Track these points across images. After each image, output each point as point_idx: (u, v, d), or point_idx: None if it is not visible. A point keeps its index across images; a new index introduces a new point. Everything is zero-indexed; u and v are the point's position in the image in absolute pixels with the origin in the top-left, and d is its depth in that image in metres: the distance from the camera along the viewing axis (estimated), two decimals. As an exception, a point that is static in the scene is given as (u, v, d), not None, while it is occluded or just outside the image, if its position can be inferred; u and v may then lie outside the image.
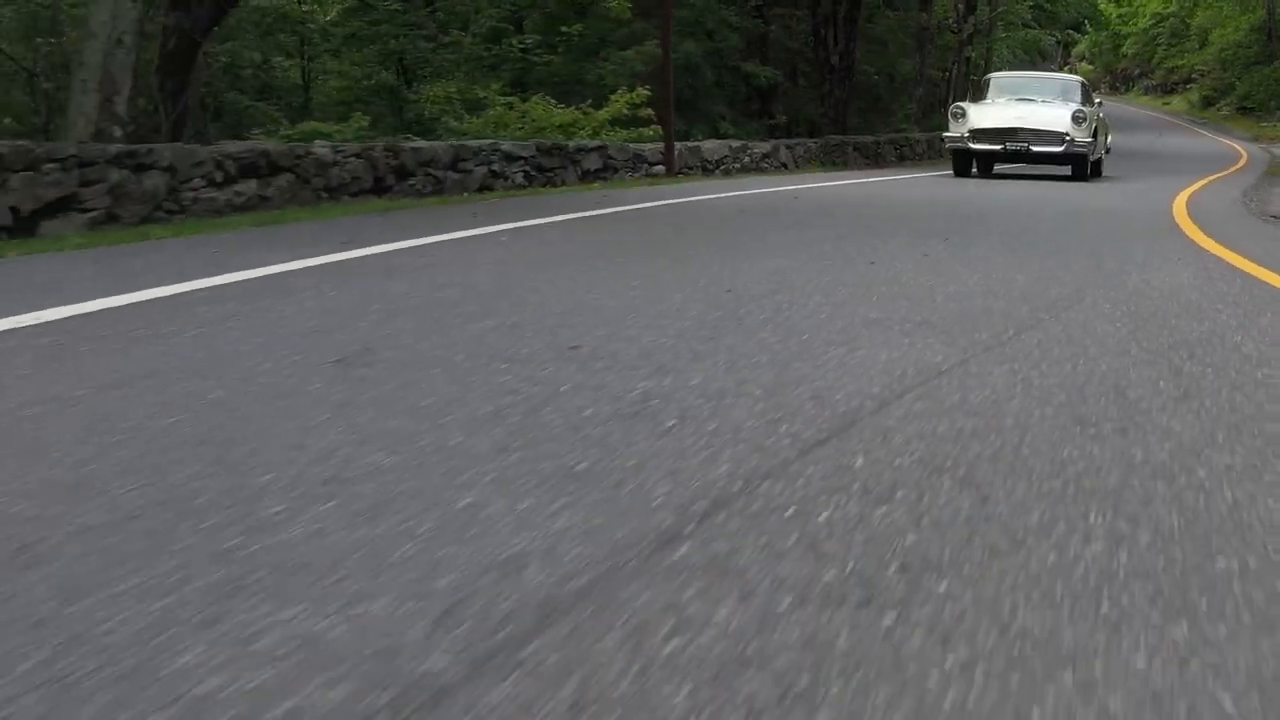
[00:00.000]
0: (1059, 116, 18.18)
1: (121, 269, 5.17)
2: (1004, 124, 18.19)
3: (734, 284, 5.01)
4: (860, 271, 5.65)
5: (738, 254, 6.26)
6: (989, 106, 19.10)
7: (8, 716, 1.34)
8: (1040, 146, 17.95)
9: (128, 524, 1.97)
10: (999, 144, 18.10)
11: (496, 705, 1.38)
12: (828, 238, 7.38)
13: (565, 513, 2.05)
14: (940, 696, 1.41)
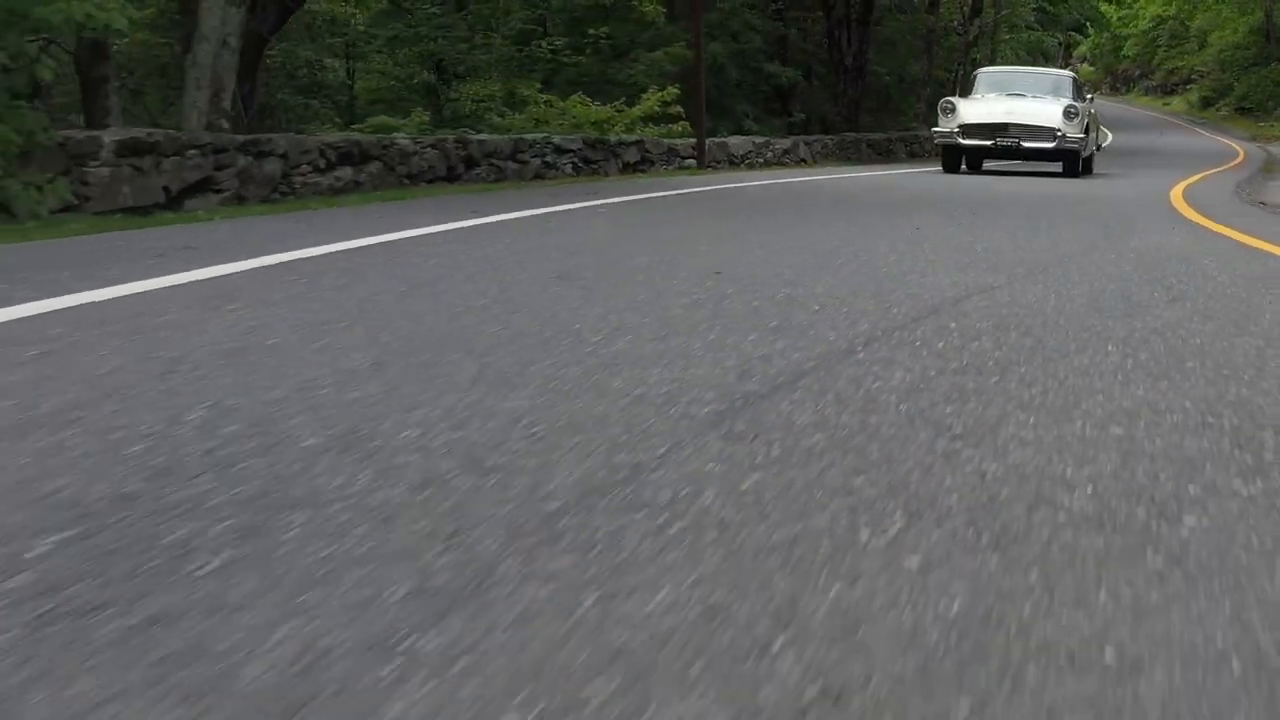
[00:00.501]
0: (1050, 112, 17.83)
1: (324, 228, 6.40)
2: (994, 119, 17.76)
3: (810, 243, 6.24)
4: (908, 235, 6.88)
5: (802, 223, 7.51)
6: (979, 101, 18.70)
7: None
8: (1031, 142, 17.58)
9: (510, 341, 3.20)
10: (989, 140, 17.70)
11: (786, 409, 2.60)
12: (871, 213, 8.62)
13: (779, 342, 3.29)
14: (1028, 409, 2.64)
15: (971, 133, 17.78)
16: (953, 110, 18.18)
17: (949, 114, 18.19)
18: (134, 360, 2.81)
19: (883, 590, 1.51)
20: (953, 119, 18.04)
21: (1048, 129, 17.57)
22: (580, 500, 1.82)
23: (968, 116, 17.92)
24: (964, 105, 18.32)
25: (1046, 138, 17.56)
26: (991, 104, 18.34)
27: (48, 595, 1.43)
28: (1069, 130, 17.62)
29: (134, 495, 1.82)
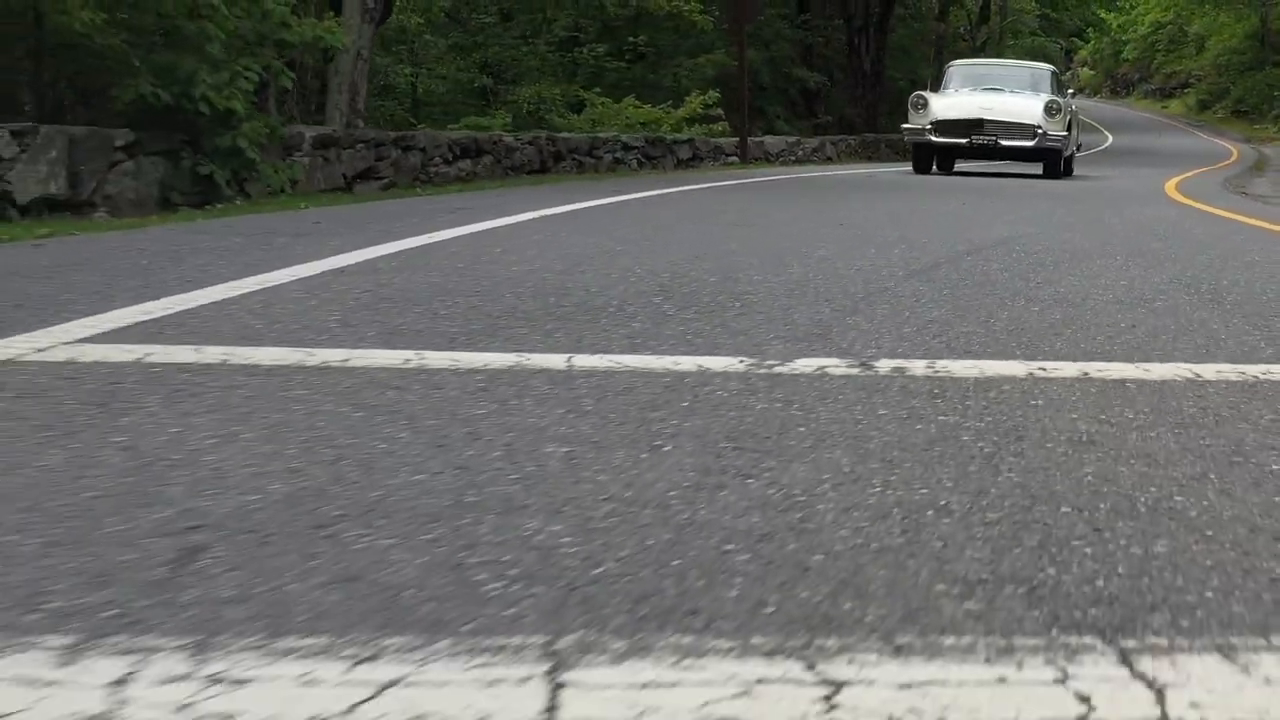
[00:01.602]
0: (1030, 108, 16.58)
1: (537, 199, 8.47)
2: (969, 115, 16.45)
3: (889, 210, 8.34)
4: (954, 209, 8.96)
5: (877, 199, 9.60)
6: (953, 96, 17.40)
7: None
8: (1009, 140, 16.33)
9: (753, 250, 5.27)
10: (964, 137, 16.43)
11: (922, 289, 4.67)
12: (913, 196, 10.69)
13: (898, 253, 5.36)
14: (1072, 276, 4.72)
15: (944, 129, 16.44)
16: (924, 105, 16.78)
17: (920, 109, 16.80)
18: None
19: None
20: (924, 115, 16.66)
21: (1027, 126, 16.33)
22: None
23: (941, 112, 16.57)
24: (937, 100, 16.95)
25: (1026, 135, 16.34)
26: (966, 99, 17.08)
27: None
28: (1050, 128, 16.37)
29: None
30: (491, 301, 3.54)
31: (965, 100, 16.99)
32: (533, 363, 2.64)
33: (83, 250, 4.73)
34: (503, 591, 1.35)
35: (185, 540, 1.48)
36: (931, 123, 16.54)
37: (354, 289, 3.71)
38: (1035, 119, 16.36)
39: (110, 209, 8.44)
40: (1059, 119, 16.42)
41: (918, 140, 16.91)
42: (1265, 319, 3.67)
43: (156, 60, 8.67)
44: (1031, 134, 16.32)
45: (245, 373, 2.45)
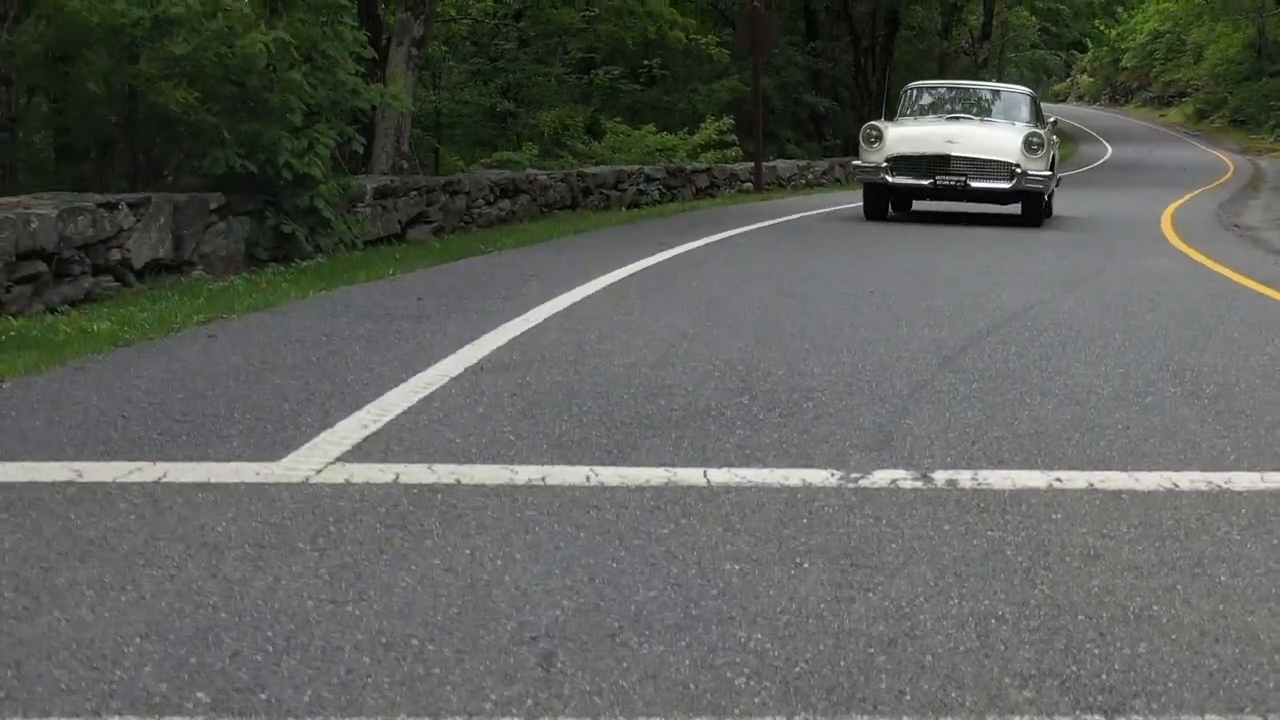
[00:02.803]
0: (1006, 141, 14.23)
1: (575, 260, 9.40)
2: (932, 149, 14.06)
3: (895, 278, 9.24)
4: (963, 269, 9.86)
5: (879, 253, 10.51)
6: (913, 126, 15.04)
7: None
8: (981, 181, 13.94)
9: (805, 332, 6.18)
10: (926, 178, 14.00)
11: (956, 385, 5.57)
12: (920, 248, 11.60)
13: (926, 332, 6.26)
14: (1070, 387, 5.62)
15: (902, 167, 14.10)
16: (878, 138, 14.33)
17: (874, 142, 14.32)
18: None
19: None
20: (878, 149, 14.26)
21: (1002, 164, 13.91)
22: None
23: (898, 145, 14.22)
24: (893, 131, 14.56)
25: (1001, 175, 13.91)
26: (929, 129, 14.75)
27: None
28: (1030, 166, 13.92)
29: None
30: (616, 406, 4.44)
31: (928, 131, 14.65)
32: (680, 479, 3.55)
33: (254, 341, 5.63)
34: (745, 685, 2.25)
35: (536, 648, 2.39)
36: (887, 159, 14.15)
37: (502, 391, 4.62)
38: (1012, 155, 13.95)
39: (206, 266, 9.35)
40: (1041, 155, 14.02)
41: (870, 180, 14.51)
42: (1234, 416, 4.57)
43: (242, 129, 9.57)
44: (1008, 173, 13.89)
45: (480, 494, 3.36)
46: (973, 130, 14.67)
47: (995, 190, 14.08)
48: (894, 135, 14.44)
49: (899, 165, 14.15)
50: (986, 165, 13.98)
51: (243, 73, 9.29)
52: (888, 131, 14.49)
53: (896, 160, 14.17)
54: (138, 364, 5.05)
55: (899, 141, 14.34)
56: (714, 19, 29.30)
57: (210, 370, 4.93)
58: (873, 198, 14.80)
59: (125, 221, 8.35)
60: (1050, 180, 14.52)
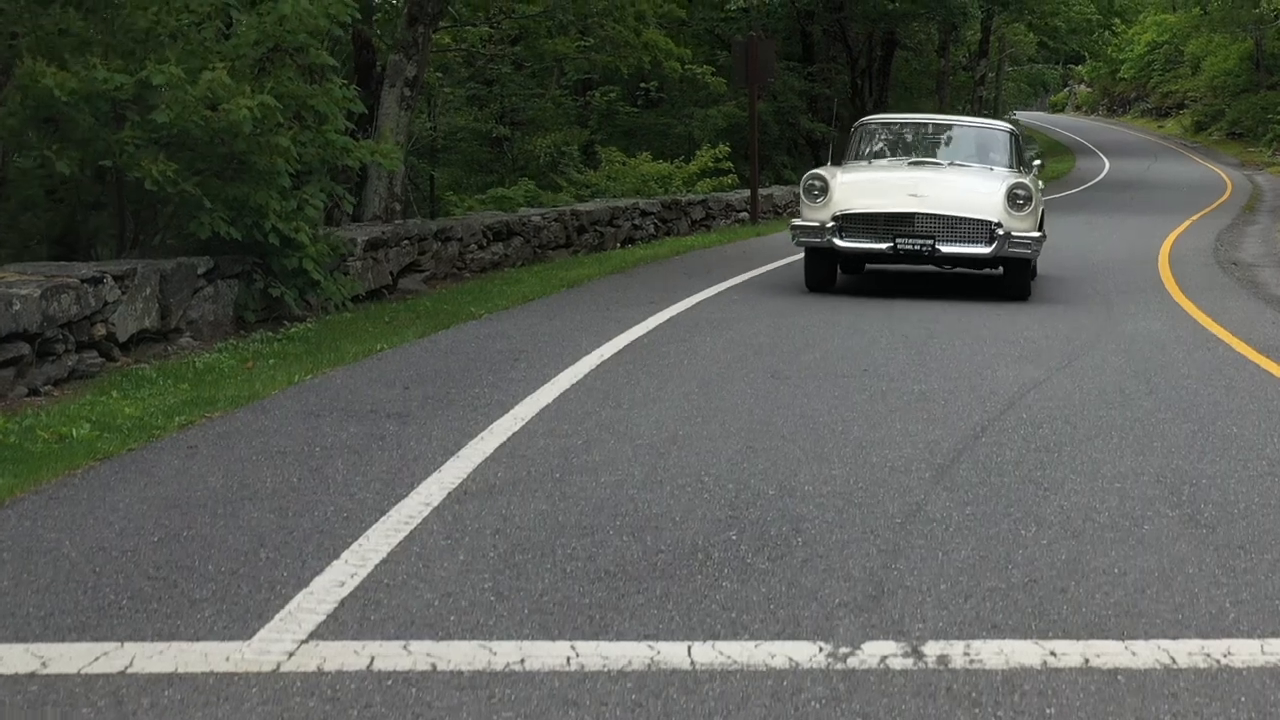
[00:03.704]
0: (985, 193, 11.48)
1: (565, 330, 9.31)
2: (893, 205, 11.32)
3: (891, 355, 9.14)
4: (959, 345, 9.75)
5: (872, 320, 10.42)
6: (866, 173, 12.23)
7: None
8: (954, 245, 11.21)
9: (794, 435, 6.08)
10: (884, 240, 11.23)
11: (950, 512, 5.47)
12: (917, 322, 11.48)
13: (919, 430, 6.16)
14: (1066, 511, 5.53)
15: (854, 228, 11.31)
16: (823, 191, 11.50)
17: (817, 196, 11.51)
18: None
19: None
20: (823, 204, 11.45)
21: (981, 223, 11.17)
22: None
23: (848, 200, 11.41)
24: (842, 180, 11.69)
25: (978, 237, 11.20)
26: (887, 177, 12.03)
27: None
28: (1016, 225, 11.23)
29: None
30: (601, 547, 4.34)
31: (886, 181, 11.89)
32: (663, 659, 3.45)
33: (234, 453, 5.52)
34: None
35: None
36: (835, 217, 11.29)
37: (484, 528, 4.51)
38: (993, 212, 11.19)
39: (193, 333, 9.26)
40: (1028, 212, 11.31)
41: (813, 244, 11.52)
42: (1233, 552, 4.48)
43: (229, 192, 9.47)
44: (987, 235, 11.15)
45: (455, 685, 3.25)
46: (943, 179, 11.84)
47: (971, 256, 11.32)
48: (843, 186, 11.52)
49: (850, 225, 11.30)
50: (960, 225, 11.20)
51: (228, 137, 9.19)
52: (835, 181, 11.58)
53: (846, 219, 11.30)
54: (115, 489, 4.94)
55: (850, 194, 11.45)
56: (711, 43, 29.23)
57: (187, 498, 4.82)
58: (816, 265, 11.80)
59: (110, 295, 8.25)
60: (1039, 242, 11.52)
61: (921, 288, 12.42)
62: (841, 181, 11.68)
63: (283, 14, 9.74)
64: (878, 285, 12.60)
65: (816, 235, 11.47)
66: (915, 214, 11.28)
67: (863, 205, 11.40)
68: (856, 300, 11.39)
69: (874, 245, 11.34)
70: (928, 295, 11.80)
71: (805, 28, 30.26)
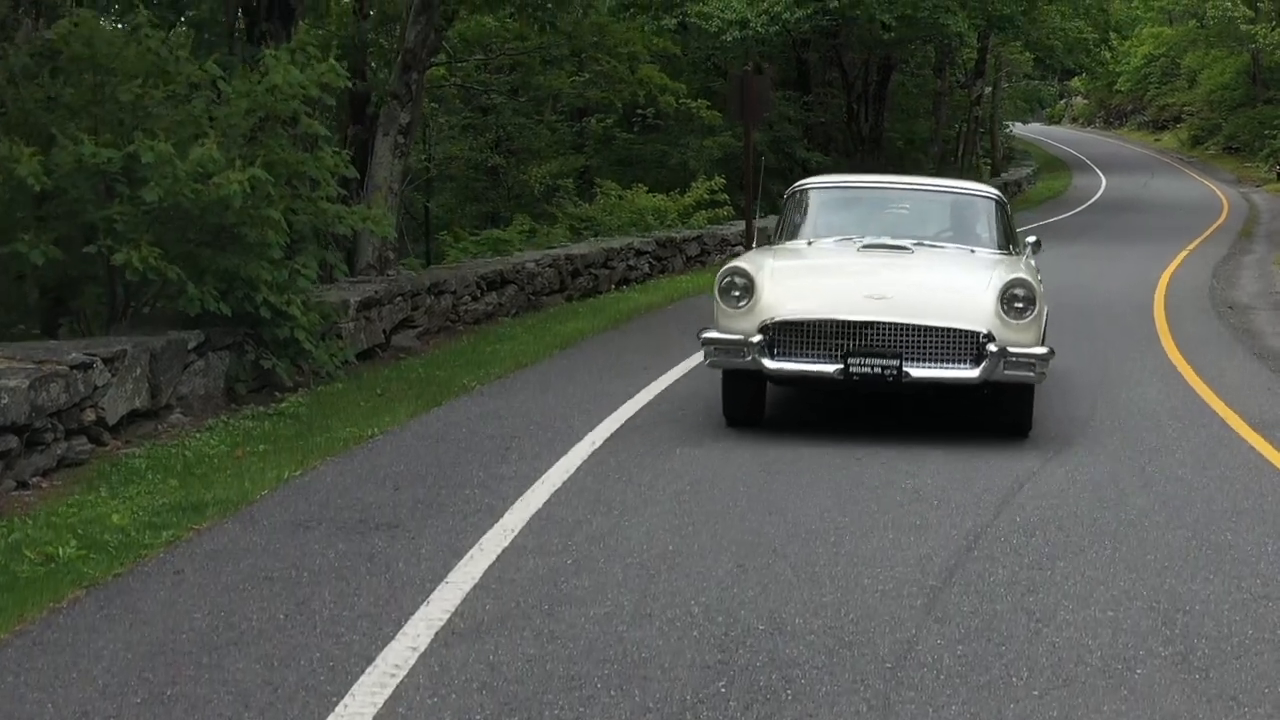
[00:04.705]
0: (970, 291, 8.49)
1: (551, 409, 9.28)
2: (844, 310, 8.28)
3: (881, 450, 9.11)
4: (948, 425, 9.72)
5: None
6: (805, 260, 9.33)
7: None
8: (927, 367, 8.20)
9: (784, 558, 6.04)
10: (831, 360, 8.21)
11: (941, 657, 5.42)
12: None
13: (911, 542, 6.12)
14: (1058, 649, 5.49)
15: (790, 342, 8.30)
16: (747, 290, 8.43)
17: (740, 299, 8.42)
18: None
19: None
20: (747, 308, 8.39)
21: (965, 335, 8.21)
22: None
23: (781, 302, 8.39)
24: (774, 273, 8.62)
25: (961, 354, 8.22)
26: (835, 267, 9.18)
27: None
28: (1014, 337, 8.22)
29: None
30: (588, 705, 4.30)
31: (833, 272, 9.07)
32: None
33: (221, 579, 5.48)
34: None
35: None
36: (765, 327, 8.26)
37: (471, 681, 4.47)
38: (982, 318, 8.22)
39: (184, 409, 9.21)
40: (1031, 319, 8.29)
41: (734, 365, 8.40)
42: (1226, 702, 4.44)
43: (220, 263, 9.43)
44: (973, 350, 8.15)
45: None
46: (911, 271, 8.84)
47: (952, 382, 8.21)
48: (775, 283, 8.43)
49: (784, 339, 8.25)
50: (936, 338, 8.15)
51: (220, 210, 9.15)
52: (763, 276, 8.44)
53: (780, 330, 8.24)
54: (100, 631, 4.89)
55: (784, 294, 8.40)
56: (707, 70, 29.22)
57: (173, 643, 4.78)
58: (738, 392, 8.59)
59: (100, 379, 8.20)
60: (1045, 362, 8.25)
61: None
62: (772, 276, 8.47)
63: (274, 83, 9.71)
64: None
65: (738, 353, 8.25)
66: (875, 323, 8.14)
67: (802, 310, 8.27)
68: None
69: (817, 367, 8.19)
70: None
71: (801, 55, 30.24)
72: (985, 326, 8.19)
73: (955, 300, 8.42)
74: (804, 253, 9.45)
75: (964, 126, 43.45)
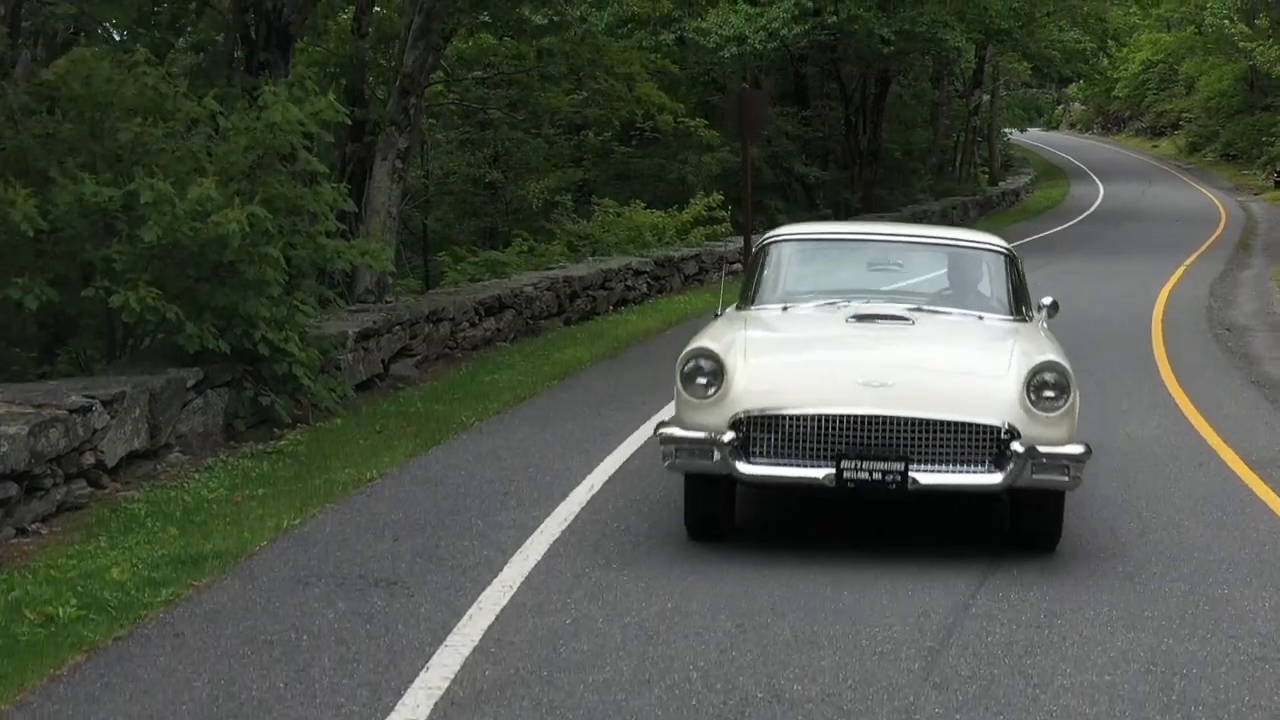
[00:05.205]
0: (985, 373, 7.00)
1: (540, 464, 9.29)
2: (839, 403, 6.72)
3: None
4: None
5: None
6: (784, 334, 7.83)
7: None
8: (938, 472, 6.68)
9: (788, 649, 6.05)
10: (821, 464, 6.67)
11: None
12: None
13: (907, 593, 6.14)
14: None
15: (770, 440, 6.75)
16: (715, 376, 6.85)
17: (708, 386, 6.83)
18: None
19: None
20: (715, 399, 6.82)
21: (982, 431, 6.72)
22: None
23: (760, 391, 6.83)
24: (749, 351, 7.05)
25: (977, 454, 6.73)
26: (821, 341, 7.61)
27: None
28: (1043, 433, 6.73)
29: None
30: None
31: (817, 345, 7.57)
32: None
33: (221, 642, 5.49)
34: None
35: None
36: (736, 421, 6.74)
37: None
38: (1002, 408, 6.76)
39: (183, 447, 9.22)
40: (1064, 409, 6.81)
41: (701, 469, 6.82)
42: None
43: (219, 300, 9.43)
44: (993, 451, 6.71)
45: None
46: (914, 349, 7.31)
47: (968, 489, 6.77)
48: (750, 365, 6.88)
49: (762, 436, 6.71)
50: (948, 435, 6.67)
51: (218, 248, 9.15)
52: (734, 357, 6.87)
53: (757, 425, 6.71)
54: (100, 702, 4.90)
55: (761, 379, 6.85)
56: (706, 84, 29.24)
57: (172, 714, 4.79)
58: (705, 499, 7.00)
59: (99, 422, 8.21)
60: (1081, 464, 6.72)
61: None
62: (746, 357, 6.89)
63: (273, 121, 9.73)
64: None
65: (705, 454, 6.66)
66: (874, 417, 6.62)
67: (784, 401, 6.68)
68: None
69: (803, 472, 6.63)
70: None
71: (799, 69, 30.27)
72: (1008, 420, 6.64)
73: (970, 387, 6.85)
74: (781, 323, 7.80)
75: (962, 136, 43.49)
